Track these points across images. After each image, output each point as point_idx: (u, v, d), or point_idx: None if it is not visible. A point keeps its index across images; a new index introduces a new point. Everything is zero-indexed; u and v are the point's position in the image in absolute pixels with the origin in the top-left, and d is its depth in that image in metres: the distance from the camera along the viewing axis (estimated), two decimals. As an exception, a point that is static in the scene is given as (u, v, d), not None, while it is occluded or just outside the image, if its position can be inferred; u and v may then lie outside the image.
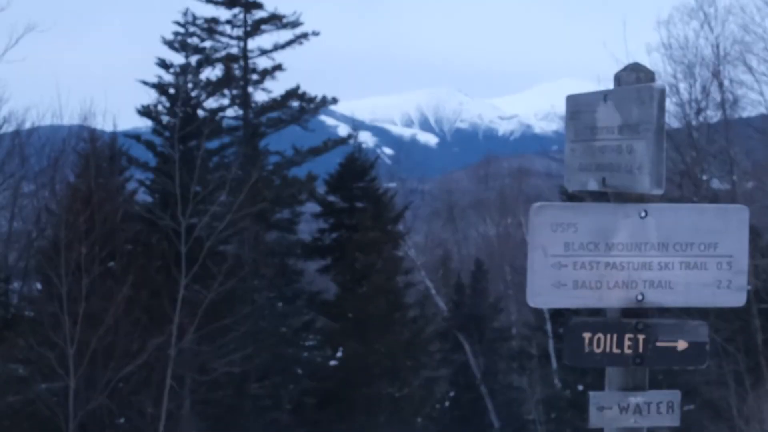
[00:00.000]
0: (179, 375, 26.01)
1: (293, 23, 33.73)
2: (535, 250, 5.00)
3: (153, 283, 26.30)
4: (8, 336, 22.34)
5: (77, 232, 23.73)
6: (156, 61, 31.70)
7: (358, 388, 31.40)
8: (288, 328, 30.84)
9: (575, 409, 30.06)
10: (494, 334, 41.76)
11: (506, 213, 59.07)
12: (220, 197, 28.09)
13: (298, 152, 34.22)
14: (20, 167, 33.99)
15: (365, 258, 32.30)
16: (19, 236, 32.37)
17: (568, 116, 5.43)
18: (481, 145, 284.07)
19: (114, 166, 29.26)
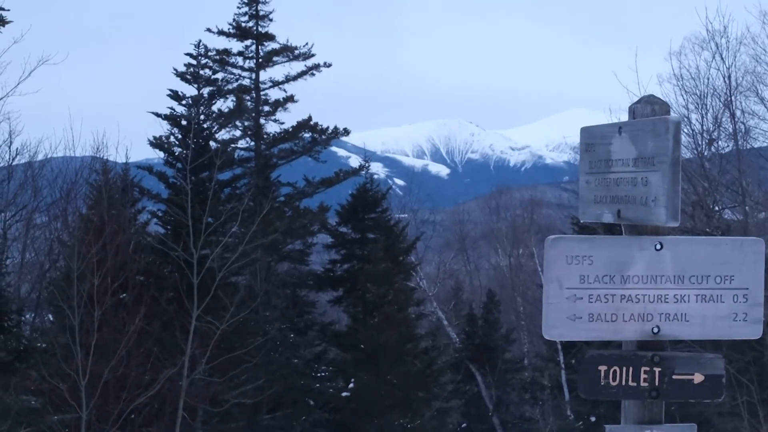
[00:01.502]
0: (191, 406, 25.96)
1: (305, 55, 33.84)
2: (550, 282, 4.99)
3: (165, 315, 26.31)
4: (20, 367, 22.27)
5: (89, 264, 23.74)
6: (168, 93, 31.84)
7: (370, 419, 31.30)
8: (300, 359, 30.78)
9: (588, 440, 29.93)
10: (506, 365, 41.63)
11: (518, 243, 59.04)
12: (232, 228, 28.11)
13: (310, 183, 34.25)
14: (33, 199, 34.05)
15: (377, 289, 32.26)
16: (32, 268, 32.41)
17: (582, 148, 5.44)
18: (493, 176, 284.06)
19: (126, 197, 29.33)
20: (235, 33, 33.36)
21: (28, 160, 35.21)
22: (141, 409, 24.58)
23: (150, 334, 25.18)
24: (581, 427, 30.80)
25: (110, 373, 23.39)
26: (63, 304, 23.68)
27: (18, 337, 24.16)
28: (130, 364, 24.10)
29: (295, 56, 33.81)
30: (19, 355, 22.38)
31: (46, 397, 22.78)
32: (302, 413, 30.09)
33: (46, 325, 29.17)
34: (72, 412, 23.01)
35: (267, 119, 33.87)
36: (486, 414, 40.16)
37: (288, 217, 32.55)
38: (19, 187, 33.77)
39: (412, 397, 32.46)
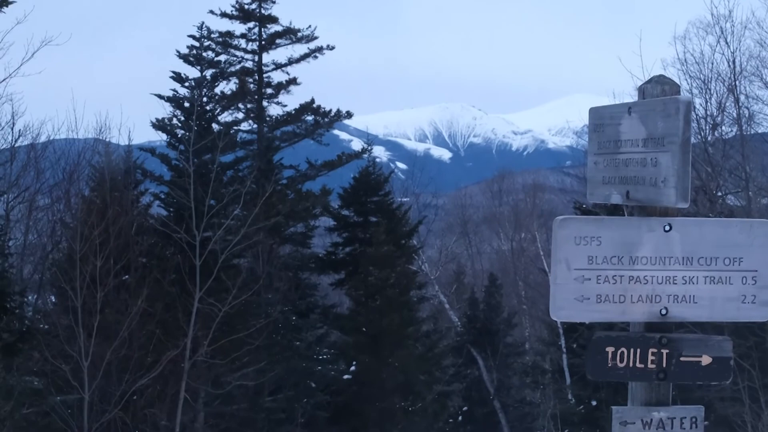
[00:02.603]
0: (193, 388, 25.99)
1: (308, 37, 33.76)
2: (558, 263, 4.97)
3: (167, 296, 26.31)
4: (23, 348, 22.30)
5: (92, 246, 23.73)
6: (171, 75, 31.78)
7: (371, 402, 31.34)
8: (301, 341, 30.78)
9: (588, 424, 29.96)
10: (508, 349, 41.73)
11: (520, 228, 59.03)
12: (235, 211, 28.09)
13: (312, 166, 34.21)
14: (35, 180, 33.99)
15: (379, 272, 32.25)
16: (34, 249, 32.38)
17: (591, 129, 5.41)
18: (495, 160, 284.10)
19: (129, 179, 29.29)
20: (238, 15, 33.27)
21: (30, 142, 35.13)
22: (143, 390, 24.62)
23: (152, 316, 25.19)
24: (582, 411, 30.83)
25: (113, 355, 23.43)
26: (65, 285, 23.69)
27: (21, 318, 24.19)
28: (132, 346, 24.13)
29: (298, 39, 33.73)
30: (22, 336, 22.41)
31: (48, 378, 22.81)
32: (304, 396, 30.11)
33: (48, 307, 29.16)
34: (74, 393, 23.05)
35: (270, 102, 33.83)
36: (487, 397, 40.25)
37: (290, 200, 32.53)
38: (22, 168, 33.72)
39: (414, 380, 32.51)
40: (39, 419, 22.71)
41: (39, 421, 22.78)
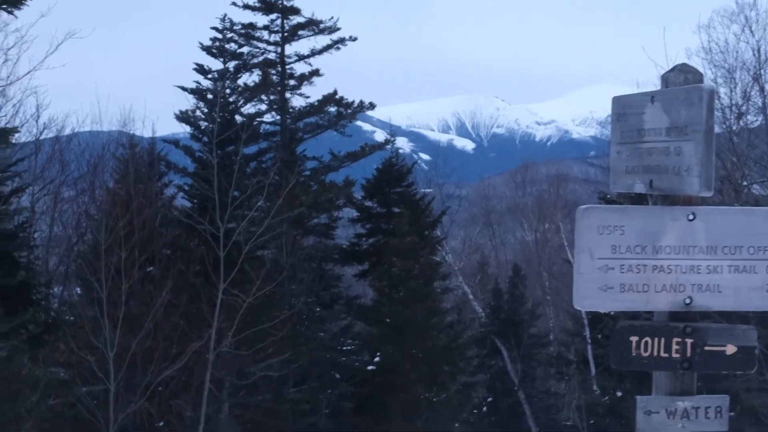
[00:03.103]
0: (218, 379, 26.08)
1: (330, 28, 33.73)
2: (581, 252, 4.96)
3: (191, 288, 26.39)
4: (49, 340, 22.44)
5: (117, 237, 23.83)
6: (194, 67, 31.84)
7: (395, 392, 31.37)
8: (326, 332, 30.83)
9: (614, 415, 29.89)
10: (532, 340, 41.65)
11: (544, 218, 58.95)
12: (258, 202, 28.14)
13: (336, 157, 34.22)
14: (60, 173, 34.16)
15: (402, 263, 32.26)
16: (60, 241, 32.54)
17: (614, 118, 5.39)
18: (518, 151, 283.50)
19: (153, 171, 29.39)
20: (261, 7, 33.28)
21: (55, 135, 35.33)
22: (168, 381, 24.73)
23: (177, 307, 25.28)
24: (607, 402, 30.76)
25: (137, 346, 23.53)
26: (91, 277, 23.79)
27: (46, 309, 24.35)
28: (157, 337, 24.21)
29: (321, 30, 33.71)
30: (48, 328, 22.55)
31: (74, 369, 22.93)
32: (328, 387, 30.18)
33: (74, 298, 29.30)
34: (100, 384, 23.16)
35: (292, 93, 33.84)
36: (511, 388, 40.21)
37: (313, 191, 32.56)
38: (47, 161, 33.90)
39: (438, 371, 32.52)
40: (65, 410, 22.84)
41: (65, 412, 22.92)
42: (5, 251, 21.70)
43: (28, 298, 22.62)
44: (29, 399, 19.50)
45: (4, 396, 18.90)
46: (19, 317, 20.14)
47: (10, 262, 22.08)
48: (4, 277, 20.48)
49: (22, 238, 23.97)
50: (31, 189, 30.90)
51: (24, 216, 27.16)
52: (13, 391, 19.37)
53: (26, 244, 24.63)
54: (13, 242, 22.93)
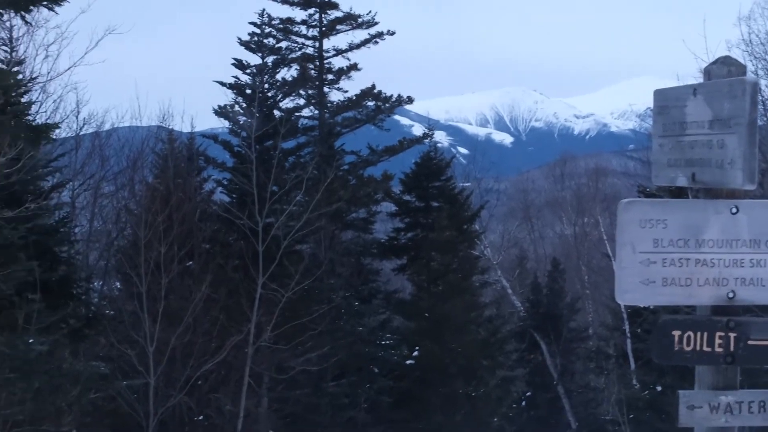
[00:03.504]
0: (257, 373, 26.17)
1: (368, 23, 33.72)
2: (623, 246, 4.93)
3: (230, 282, 26.47)
4: (89, 334, 22.58)
5: (156, 232, 23.95)
6: (233, 62, 31.91)
7: (434, 387, 31.34)
8: (364, 327, 30.85)
9: (654, 409, 29.72)
10: (571, 334, 41.51)
11: (583, 212, 58.67)
12: (297, 197, 28.18)
13: (374, 152, 34.23)
14: (100, 168, 34.37)
15: (441, 257, 32.21)
16: (100, 236, 32.74)
17: (656, 111, 5.35)
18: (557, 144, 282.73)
19: (192, 166, 29.50)
20: (299, 1, 33.32)
21: (95, 130, 35.56)
22: (207, 375, 24.82)
23: (216, 302, 25.37)
24: (647, 397, 30.58)
25: (177, 340, 23.64)
26: (131, 271, 23.94)
27: (87, 304, 24.51)
28: (196, 331, 24.32)
29: (359, 24, 33.71)
30: (88, 322, 22.69)
31: (114, 363, 23.05)
32: (367, 381, 30.19)
33: (114, 293, 29.49)
34: (140, 377, 23.30)
35: (331, 88, 33.87)
36: (551, 383, 40.09)
37: (352, 186, 32.59)
38: (87, 156, 34.12)
39: (477, 365, 32.46)
40: (105, 404, 22.95)
41: (105, 406, 23.03)
42: (46, 246, 21.85)
43: (68, 293, 22.78)
44: (70, 393, 19.60)
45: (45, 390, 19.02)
46: (59, 312, 20.27)
47: (51, 257, 22.24)
48: (45, 272, 20.61)
49: (62, 234, 24.13)
50: (71, 184, 31.10)
51: (64, 211, 27.35)
52: (54, 385, 19.49)
53: (67, 239, 24.79)
54: (54, 237, 23.09)
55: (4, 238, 16.74)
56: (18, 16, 10.69)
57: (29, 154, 17.70)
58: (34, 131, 15.13)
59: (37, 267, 18.83)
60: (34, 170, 21.30)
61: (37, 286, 19.04)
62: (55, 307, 20.32)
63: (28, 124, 19.29)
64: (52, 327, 19.72)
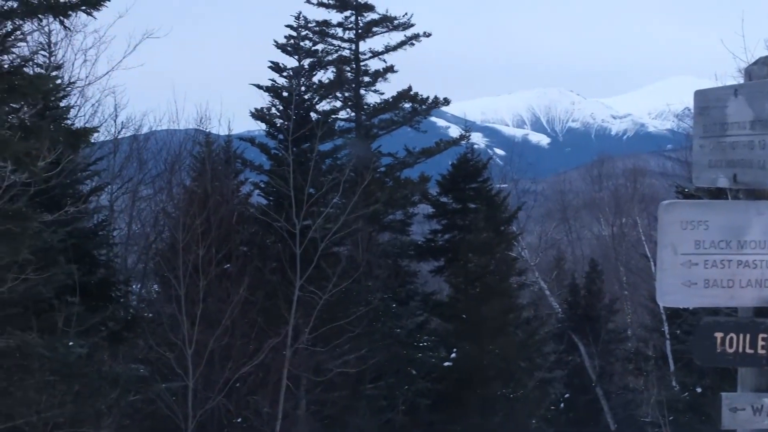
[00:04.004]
0: (295, 375, 26.20)
1: (404, 25, 33.75)
2: (664, 248, 4.89)
3: (268, 285, 26.54)
4: (128, 337, 22.69)
5: (194, 235, 24.04)
6: (269, 65, 32.00)
7: (472, 389, 31.26)
8: (402, 329, 30.83)
9: (694, 411, 29.54)
10: (610, 336, 41.27)
11: (620, 213, 58.33)
12: (334, 199, 28.21)
13: (411, 153, 34.23)
14: (138, 171, 34.56)
15: (478, 259, 32.14)
16: (138, 239, 32.91)
17: (696, 112, 5.31)
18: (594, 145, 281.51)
19: (229, 169, 29.59)
20: (335, 4, 33.39)
21: (133, 133, 35.76)
22: (246, 378, 24.88)
23: (254, 304, 25.43)
24: (687, 399, 30.39)
25: (215, 343, 23.72)
26: (169, 274, 24.05)
27: (126, 307, 24.61)
28: (234, 334, 24.38)
29: (395, 26, 33.75)
30: (127, 325, 22.79)
31: (153, 366, 23.18)
32: (405, 383, 30.17)
33: (152, 296, 29.63)
34: (179, 380, 23.40)
35: (367, 90, 33.95)
36: (589, 384, 39.89)
37: (389, 188, 32.60)
38: (125, 159, 34.31)
39: (515, 367, 32.36)
40: (144, 406, 23.08)
41: (144, 408, 23.16)
42: (85, 250, 21.98)
43: (107, 296, 22.90)
44: (109, 395, 19.71)
45: (85, 392, 19.13)
46: (98, 315, 20.37)
47: (90, 260, 22.38)
48: (84, 275, 20.74)
49: (101, 237, 24.26)
50: (109, 188, 31.29)
51: (103, 214, 27.52)
52: (93, 387, 19.60)
53: (105, 242, 24.92)
54: (93, 241, 23.23)
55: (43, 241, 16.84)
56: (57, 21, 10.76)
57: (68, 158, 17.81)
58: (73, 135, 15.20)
59: (76, 270, 18.95)
60: (73, 174, 21.46)
61: (77, 290, 19.16)
62: (94, 310, 20.43)
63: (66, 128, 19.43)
64: (91, 330, 19.84)
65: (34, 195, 17.19)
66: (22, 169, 14.96)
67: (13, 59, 17.24)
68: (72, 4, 10.12)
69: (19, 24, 14.01)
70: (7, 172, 15.20)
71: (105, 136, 33.17)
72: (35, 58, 22.72)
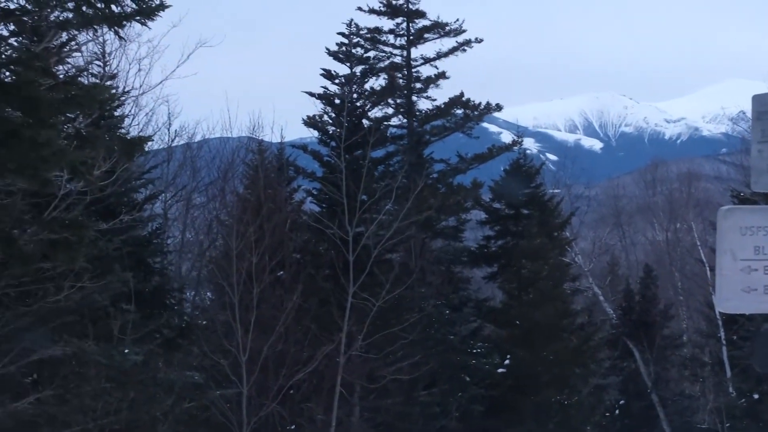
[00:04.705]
0: (348, 382, 26.20)
1: (456, 31, 33.69)
2: (723, 254, 4.84)
3: (321, 292, 26.60)
4: (183, 344, 22.81)
5: (247, 242, 24.12)
6: (321, 72, 32.05)
7: (526, 395, 31.15)
8: (455, 335, 30.78)
9: (751, 417, 29.30)
10: (665, 342, 40.97)
11: (675, 218, 57.90)
12: (387, 206, 28.21)
13: (463, 159, 34.17)
14: (191, 179, 34.78)
15: (532, 265, 32.03)
16: (192, 247, 33.13)
17: (754, 116, 5.24)
18: (647, 149, 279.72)
19: (282, 176, 29.68)
20: (386, 11, 33.41)
21: (186, 142, 35.99)
22: (300, 384, 24.92)
23: (307, 311, 25.48)
24: (744, 405, 30.14)
25: (269, 350, 23.77)
26: (223, 281, 24.14)
27: (180, 314, 24.76)
28: (288, 341, 24.43)
29: (446, 32, 33.71)
30: (182, 332, 22.92)
31: (207, 373, 23.25)
32: (458, 389, 30.10)
33: (206, 303, 29.79)
34: (233, 387, 23.47)
35: (419, 96, 33.92)
36: (644, 391, 39.60)
37: (441, 194, 32.55)
38: (179, 167, 34.54)
39: (569, 373, 32.21)
40: (199, 413, 23.15)
41: (199, 415, 23.23)
42: (140, 257, 22.15)
43: (162, 303, 23.06)
44: (164, 402, 19.83)
45: (140, 399, 19.25)
46: (153, 322, 20.52)
47: (144, 268, 22.55)
48: (140, 283, 20.89)
49: (155, 245, 24.43)
50: (163, 196, 31.50)
51: (157, 223, 27.70)
52: (148, 394, 19.73)
53: (160, 250, 25.11)
54: (147, 248, 23.40)
55: (99, 249, 16.99)
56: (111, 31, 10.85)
57: (123, 166, 17.95)
58: (127, 144, 15.34)
59: (131, 278, 19.08)
60: (128, 182, 21.61)
61: (132, 297, 19.30)
62: (149, 318, 20.59)
63: (121, 137, 19.60)
64: (146, 337, 19.98)
65: (90, 204, 17.34)
66: (78, 178, 15.11)
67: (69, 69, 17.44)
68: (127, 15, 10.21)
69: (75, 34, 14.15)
70: (63, 181, 15.35)
71: (159, 145, 33.46)
72: (90, 68, 22.93)
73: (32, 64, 9.64)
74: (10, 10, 10.04)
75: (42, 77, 9.88)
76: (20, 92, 9.51)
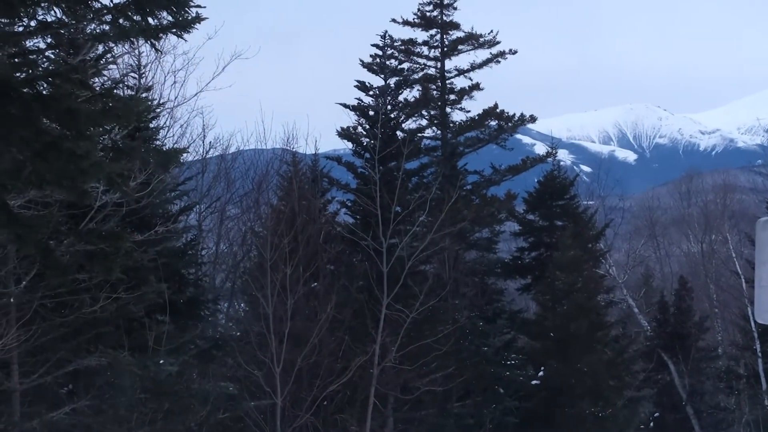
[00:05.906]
0: (382, 393, 26.21)
1: (490, 42, 33.70)
2: (763, 265, 4.81)
3: (355, 303, 26.60)
4: (217, 355, 22.90)
5: (282, 253, 24.18)
6: (355, 84, 32.13)
7: (560, 407, 31.04)
8: (489, 347, 30.73)
9: (788, 431, 29.05)
10: (700, 354, 40.70)
11: (710, 229, 57.59)
12: (420, 217, 28.19)
13: (497, 171, 34.14)
14: (226, 191, 34.87)
15: (566, 277, 31.93)
16: (226, 258, 33.18)
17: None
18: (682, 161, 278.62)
19: (316, 188, 29.73)
20: (420, 23, 33.47)
21: (220, 153, 36.07)
22: (333, 396, 24.95)
23: (341, 323, 25.49)
24: (780, 418, 29.90)
25: (303, 361, 23.82)
26: (257, 293, 24.19)
27: (214, 325, 24.85)
28: (322, 352, 24.46)
29: (480, 44, 33.72)
30: (216, 343, 23.01)
31: (242, 384, 23.32)
32: (492, 401, 30.05)
33: (240, 314, 29.85)
34: (267, 398, 23.52)
35: (453, 108, 33.94)
36: (679, 403, 39.36)
37: (475, 206, 32.52)
38: (213, 179, 34.63)
39: (603, 385, 32.04)
40: (233, 424, 23.24)
41: (233, 426, 23.32)
42: (175, 269, 22.24)
43: (196, 314, 23.13)
44: (199, 413, 19.91)
45: (175, 410, 19.34)
46: (188, 333, 20.61)
47: (179, 279, 22.63)
48: (174, 294, 20.99)
49: (190, 256, 24.52)
50: (198, 207, 31.59)
51: (192, 234, 27.77)
52: (183, 405, 19.82)
53: (194, 261, 25.18)
54: (182, 260, 23.48)
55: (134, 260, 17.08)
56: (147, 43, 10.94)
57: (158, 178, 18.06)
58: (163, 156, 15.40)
59: (166, 289, 19.18)
60: (163, 194, 21.71)
61: (167, 308, 19.40)
62: (183, 329, 20.68)
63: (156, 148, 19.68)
64: (181, 348, 20.07)
65: (126, 215, 17.45)
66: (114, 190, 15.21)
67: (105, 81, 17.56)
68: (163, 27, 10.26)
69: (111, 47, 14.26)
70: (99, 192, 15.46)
71: (193, 156, 33.55)
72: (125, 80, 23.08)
73: (69, 77, 9.71)
74: (48, 23, 10.12)
75: (79, 89, 9.96)
76: (58, 104, 9.58)
